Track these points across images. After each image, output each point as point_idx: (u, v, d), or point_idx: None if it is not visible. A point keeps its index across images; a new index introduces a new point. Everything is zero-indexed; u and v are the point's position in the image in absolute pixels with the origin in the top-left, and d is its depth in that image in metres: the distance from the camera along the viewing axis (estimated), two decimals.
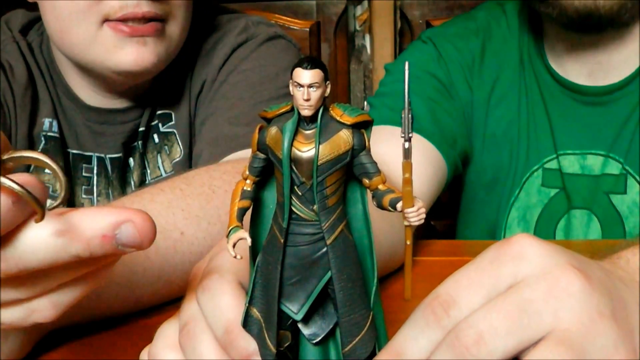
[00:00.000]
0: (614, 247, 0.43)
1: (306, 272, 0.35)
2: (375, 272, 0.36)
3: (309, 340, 0.37)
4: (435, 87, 0.90)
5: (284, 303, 0.35)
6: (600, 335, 0.33)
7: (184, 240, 0.57)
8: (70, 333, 0.53)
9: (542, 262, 0.35)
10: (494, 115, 0.92)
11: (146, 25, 0.76)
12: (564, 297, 0.33)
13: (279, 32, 0.91)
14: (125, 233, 0.34)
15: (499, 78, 0.92)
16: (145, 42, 0.76)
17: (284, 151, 0.33)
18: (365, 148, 0.34)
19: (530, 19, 0.93)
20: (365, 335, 0.36)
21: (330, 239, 0.34)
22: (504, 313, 0.33)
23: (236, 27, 0.89)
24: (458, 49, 0.92)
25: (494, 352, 0.32)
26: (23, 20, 0.91)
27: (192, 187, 0.60)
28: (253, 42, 0.88)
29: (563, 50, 0.88)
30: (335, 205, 0.34)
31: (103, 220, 0.34)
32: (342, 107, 0.34)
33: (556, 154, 0.89)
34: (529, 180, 0.90)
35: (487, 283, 0.35)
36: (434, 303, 0.35)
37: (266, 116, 0.35)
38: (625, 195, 0.86)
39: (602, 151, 0.87)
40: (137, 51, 0.76)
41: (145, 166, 0.89)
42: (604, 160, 0.87)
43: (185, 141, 0.88)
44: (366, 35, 1.60)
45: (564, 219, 0.89)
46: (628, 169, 0.86)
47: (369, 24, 1.57)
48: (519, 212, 0.91)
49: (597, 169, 0.87)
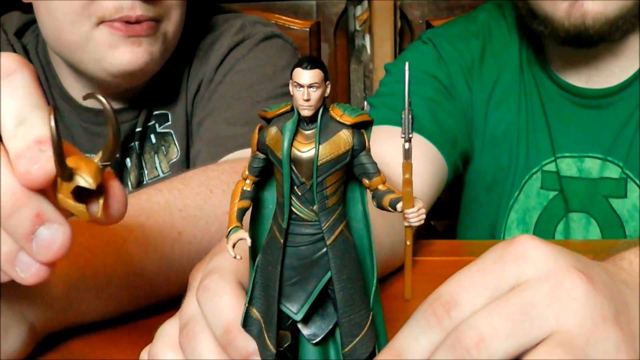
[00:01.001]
0: (615, 247, 0.43)
1: (306, 272, 0.35)
2: (375, 272, 0.36)
3: (308, 340, 0.37)
4: (436, 88, 0.90)
5: (284, 303, 0.35)
6: (603, 339, 0.32)
7: (182, 239, 0.57)
8: (70, 333, 0.53)
9: (545, 264, 0.35)
10: (494, 117, 0.92)
11: (141, 25, 0.76)
12: (566, 300, 0.33)
13: (275, 32, 0.91)
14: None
15: (498, 80, 0.92)
16: (140, 43, 0.77)
17: (283, 151, 0.33)
18: (365, 148, 0.34)
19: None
20: (365, 335, 0.35)
21: (330, 239, 0.34)
22: (506, 315, 0.33)
23: (233, 27, 0.89)
24: (458, 50, 0.92)
25: (494, 353, 0.32)
26: (18, 23, 0.91)
27: (190, 187, 0.60)
28: (250, 42, 0.88)
29: (561, 57, 0.89)
30: (335, 206, 0.34)
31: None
32: (342, 107, 0.34)
33: (554, 157, 0.89)
34: (529, 183, 0.90)
35: (490, 284, 0.35)
36: (436, 304, 0.35)
37: (266, 116, 0.35)
38: (625, 199, 0.86)
39: (600, 154, 0.87)
40: (131, 51, 0.76)
41: (142, 167, 0.89)
42: (601, 164, 0.87)
43: (182, 141, 0.87)
44: (366, 35, 1.60)
45: (562, 222, 0.89)
46: (628, 172, 0.86)
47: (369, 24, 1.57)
48: (519, 215, 0.91)
49: (595, 172, 0.87)
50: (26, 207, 0.35)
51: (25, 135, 0.36)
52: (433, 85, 0.90)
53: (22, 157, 0.35)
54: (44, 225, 0.36)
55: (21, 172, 0.35)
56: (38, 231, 0.36)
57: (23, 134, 0.36)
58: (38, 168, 0.35)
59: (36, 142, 0.36)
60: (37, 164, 0.35)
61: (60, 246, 0.36)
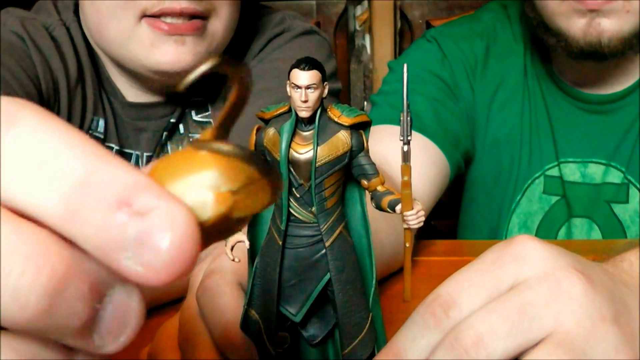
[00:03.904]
0: (615, 247, 0.43)
1: (305, 274, 0.35)
2: (374, 273, 0.36)
3: (308, 341, 0.37)
4: (439, 87, 0.90)
5: (283, 305, 0.35)
6: (602, 339, 0.32)
7: None
8: None
9: (544, 264, 0.35)
10: (497, 119, 0.92)
11: (186, 23, 0.72)
12: (565, 300, 0.33)
13: (314, 28, 0.90)
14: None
15: (502, 83, 0.92)
16: (184, 42, 0.72)
17: (281, 153, 0.33)
18: (364, 149, 0.34)
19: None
20: (364, 336, 0.35)
21: (329, 240, 0.34)
22: (504, 315, 0.33)
23: (273, 20, 0.88)
24: (462, 50, 0.92)
25: (493, 353, 0.32)
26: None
27: None
28: (288, 34, 0.87)
29: (567, 64, 0.89)
30: (334, 207, 0.34)
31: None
32: (340, 108, 0.34)
33: (557, 162, 0.89)
34: (531, 187, 0.90)
35: (488, 284, 0.35)
36: (434, 304, 0.35)
37: (263, 117, 0.35)
38: (627, 205, 0.86)
39: (604, 160, 0.87)
40: (174, 51, 0.72)
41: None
42: (605, 169, 0.87)
43: None
44: (366, 35, 1.60)
45: (564, 227, 0.89)
46: (630, 178, 0.86)
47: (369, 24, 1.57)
48: (520, 219, 0.91)
49: (598, 178, 0.87)
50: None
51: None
52: (437, 84, 0.90)
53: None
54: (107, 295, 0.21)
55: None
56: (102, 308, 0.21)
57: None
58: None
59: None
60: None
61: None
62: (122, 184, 0.19)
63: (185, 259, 0.19)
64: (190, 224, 0.19)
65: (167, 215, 0.19)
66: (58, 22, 0.79)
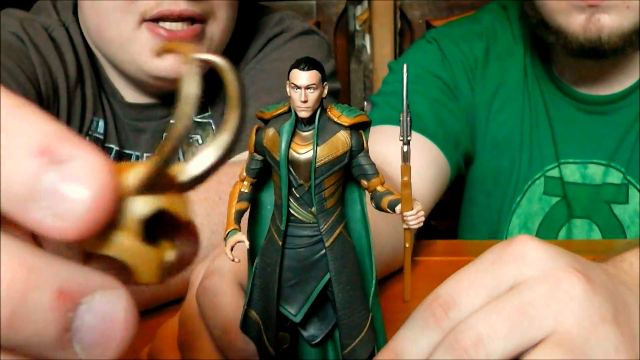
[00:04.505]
0: (615, 247, 0.43)
1: (305, 274, 0.35)
2: (374, 273, 0.36)
3: (307, 341, 0.37)
4: (440, 88, 0.90)
5: (283, 305, 0.35)
6: (602, 339, 0.32)
7: None
8: None
9: (543, 264, 0.35)
10: (496, 121, 0.92)
11: (185, 29, 0.72)
12: (565, 300, 0.33)
13: (313, 28, 0.90)
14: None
15: (502, 83, 0.92)
16: None
17: (281, 153, 0.33)
18: (364, 149, 0.34)
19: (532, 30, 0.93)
20: (364, 336, 0.35)
21: (329, 241, 0.34)
22: (504, 315, 0.33)
23: (272, 20, 0.88)
24: (462, 51, 0.92)
25: (492, 354, 0.32)
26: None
27: (198, 193, 0.59)
28: (287, 34, 0.87)
29: (567, 64, 0.89)
30: (334, 207, 0.34)
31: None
32: (340, 108, 0.34)
33: (558, 163, 0.89)
34: (531, 188, 0.90)
35: (488, 284, 0.35)
36: (434, 304, 0.35)
37: (263, 117, 0.35)
38: (627, 205, 0.86)
39: (604, 160, 0.87)
40: (173, 57, 0.72)
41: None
42: (605, 170, 0.87)
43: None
44: (366, 35, 1.60)
45: (564, 228, 0.89)
46: (629, 178, 0.86)
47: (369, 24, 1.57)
48: (521, 220, 0.91)
49: (598, 178, 0.87)
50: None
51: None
52: (437, 85, 0.90)
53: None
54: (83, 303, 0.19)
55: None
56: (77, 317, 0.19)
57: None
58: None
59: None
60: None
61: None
62: (41, 133, 0.18)
63: (103, 211, 0.18)
64: (110, 174, 0.18)
65: (87, 164, 0.18)
66: (57, 23, 0.79)
